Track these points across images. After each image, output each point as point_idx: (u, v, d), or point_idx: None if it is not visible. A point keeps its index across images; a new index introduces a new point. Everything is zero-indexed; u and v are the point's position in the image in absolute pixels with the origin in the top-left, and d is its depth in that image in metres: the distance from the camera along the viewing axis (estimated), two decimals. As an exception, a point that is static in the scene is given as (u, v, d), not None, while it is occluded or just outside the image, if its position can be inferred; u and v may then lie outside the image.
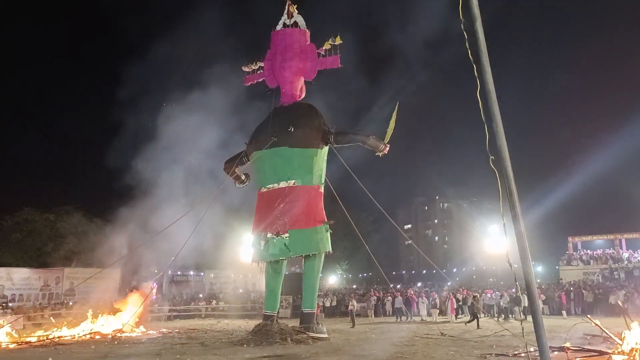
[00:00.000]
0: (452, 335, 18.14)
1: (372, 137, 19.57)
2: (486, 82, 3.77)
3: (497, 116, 3.79)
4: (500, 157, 3.79)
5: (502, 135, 3.81)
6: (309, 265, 19.29)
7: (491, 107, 3.80)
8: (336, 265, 52.98)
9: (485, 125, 3.87)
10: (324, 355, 14.31)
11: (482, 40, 3.79)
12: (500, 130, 3.81)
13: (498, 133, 3.79)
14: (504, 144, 3.79)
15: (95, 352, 16.28)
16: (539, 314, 3.90)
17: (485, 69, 3.79)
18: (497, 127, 3.78)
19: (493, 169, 3.89)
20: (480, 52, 3.81)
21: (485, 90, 3.79)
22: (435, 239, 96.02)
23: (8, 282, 30.98)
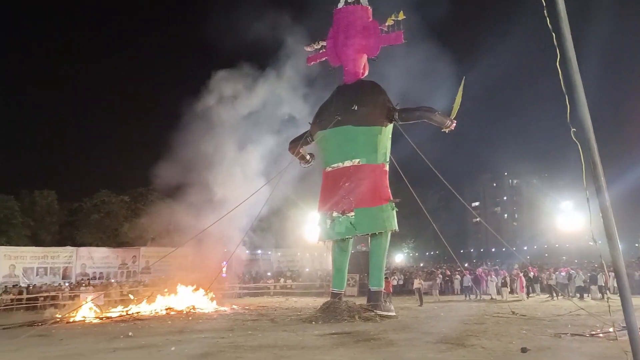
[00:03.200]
0: (524, 314, 17.66)
1: (438, 113, 19.17)
2: (566, 51, 3.56)
3: (579, 86, 3.58)
4: (583, 129, 3.59)
5: (584, 106, 3.60)
6: (375, 244, 19.26)
7: (572, 77, 3.59)
8: (402, 244, 52.76)
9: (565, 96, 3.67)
10: (392, 332, 14.32)
11: (562, 6, 3.58)
12: (583, 100, 3.60)
13: (580, 104, 3.58)
14: (586, 115, 3.58)
15: (171, 327, 17.03)
16: (628, 291, 3.69)
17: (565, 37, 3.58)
18: (579, 98, 3.57)
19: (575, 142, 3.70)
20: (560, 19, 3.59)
21: (565, 59, 3.58)
22: (505, 216, 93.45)
23: (89, 260, 32.84)
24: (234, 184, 25.61)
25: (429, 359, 10.39)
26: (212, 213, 24.48)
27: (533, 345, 11.28)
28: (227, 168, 26.57)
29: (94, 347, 13.15)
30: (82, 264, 32.52)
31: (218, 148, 26.42)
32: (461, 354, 10.78)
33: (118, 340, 14.16)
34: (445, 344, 12.05)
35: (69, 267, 32.01)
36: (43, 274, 30.87)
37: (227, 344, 12.92)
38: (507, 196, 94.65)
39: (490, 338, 12.68)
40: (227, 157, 26.73)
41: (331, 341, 13.01)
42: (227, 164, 26.64)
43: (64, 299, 25.75)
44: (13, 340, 14.70)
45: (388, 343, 12.52)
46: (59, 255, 32.13)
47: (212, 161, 26.48)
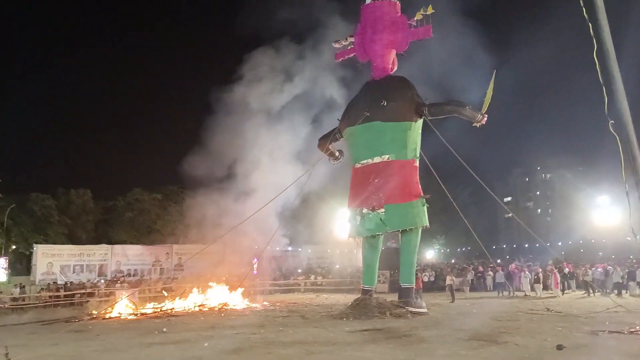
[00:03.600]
0: (559, 311, 17.35)
1: (469, 108, 18.92)
2: (604, 42, 3.45)
3: (617, 77, 3.47)
4: (622, 121, 3.49)
5: (623, 97, 3.49)
6: (405, 240, 19.14)
7: (610, 68, 3.49)
8: (433, 240, 52.36)
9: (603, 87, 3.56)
10: (424, 329, 14.23)
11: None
12: (621, 92, 3.49)
13: (618, 95, 3.48)
14: (625, 107, 3.48)
15: (204, 323, 17.27)
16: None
17: (602, 27, 3.47)
18: (617, 89, 3.47)
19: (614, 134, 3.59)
20: (597, 9, 3.49)
21: (602, 50, 3.48)
22: (538, 211, 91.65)
23: (124, 258, 33.51)
24: (265, 180, 25.76)
25: (460, 355, 10.29)
26: (243, 210, 24.68)
27: (569, 342, 11.06)
28: (258, 165, 26.75)
29: (129, 342, 13.42)
30: (117, 261, 33.18)
31: (248, 145, 26.61)
32: (494, 351, 10.65)
33: (152, 336, 14.42)
34: (478, 340, 11.92)
35: (105, 265, 32.71)
36: (80, 271, 31.61)
37: (259, 339, 13.04)
38: (540, 191, 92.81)
39: (524, 335, 12.50)
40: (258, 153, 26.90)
41: (362, 337, 13.00)
42: (258, 161, 26.81)
43: (100, 296, 26.33)
44: (52, 335, 15.11)
45: (419, 340, 12.45)
46: (95, 252, 32.85)
47: (243, 158, 26.69)
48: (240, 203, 26.02)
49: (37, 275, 30.00)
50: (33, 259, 31.42)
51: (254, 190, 25.58)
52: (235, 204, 26.36)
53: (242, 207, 25.38)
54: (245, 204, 25.47)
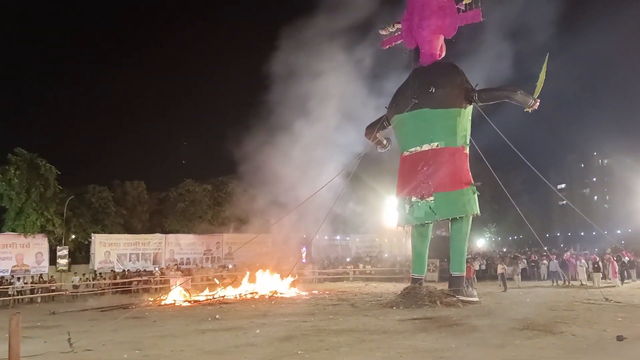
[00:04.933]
0: (619, 301, 16.75)
1: (520, 92, 18.40)
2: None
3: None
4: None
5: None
6: (456, 229, 18.88)
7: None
8: (484, 228, 51.43)
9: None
10: (475, 318, 14.05)
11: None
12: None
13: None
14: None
15: (255, 311, 17.59)
16: None
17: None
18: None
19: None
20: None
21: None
22: (594, 198, 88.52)
23: (177, 247, 34.45)
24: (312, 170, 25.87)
25: (515, 345, 10.12)
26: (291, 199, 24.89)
27: (630, 333, 10.69)
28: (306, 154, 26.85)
29: (185, 328, 13.82)
30: (171, 250, 34.12)
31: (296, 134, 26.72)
32: (550, 340, 10.43)
33: (206, 322, 14.81)
34: (532, 330, 11.69)
35: (159, 253, 33.69)
36: (135, 260, 32.68)
37: (310, 327, 13.18)
38: (596, 177, 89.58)
39: (582, 325, 12.17)
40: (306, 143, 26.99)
41: (413, 326, 12.96)
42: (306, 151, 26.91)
43: (155, 284, 27.18)
44: (111, 321, 15.71)
45: (471, 329, 12.31)
46: (149, 242, 33.87)
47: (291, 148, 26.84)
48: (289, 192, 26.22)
49: (96, 264, 31.18)
50: (91, 248, 32.65)
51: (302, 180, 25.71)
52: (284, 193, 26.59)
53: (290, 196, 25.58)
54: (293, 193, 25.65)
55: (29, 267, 28.60)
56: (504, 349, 9.75)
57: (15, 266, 28.11)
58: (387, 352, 9.77)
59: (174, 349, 10.89)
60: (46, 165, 30.87)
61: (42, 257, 29.58)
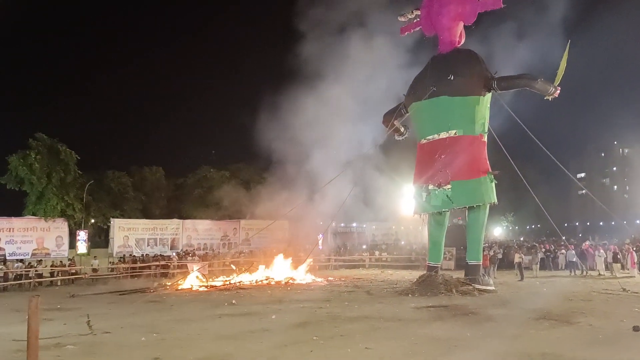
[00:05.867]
0: (636, 292, 16.60)
1: (540, 80, 18.15)
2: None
3: None
4: None
5: None
6: (473, 217, 18.79)
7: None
8: (501, 217, 51.11)
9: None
10: (492, 307, 14.01)
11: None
12: None
13: None
14: None
15: (271, 297, 17.73)
16: None
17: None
18: None
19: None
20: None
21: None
22: (614, 188, 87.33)
23: (194, 232, 34.72)
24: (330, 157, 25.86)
25: (531, 335, 10.08)
26: (308, 186, 24.93)
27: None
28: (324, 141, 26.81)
29: (202, 313, 13.99)
30: (188, 235, 34.40)
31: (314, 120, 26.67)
32: (567, 331, 10.38)
33: (223, 307, 14.98)
34: (549, 320, 11.64)
35: (176, 239, 34.01)
36: (153, 245, 33.04)
37: (325, 314, 13.26)
38: (617, 167, 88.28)
39: (599, 316, 12.08)
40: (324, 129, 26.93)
41: (428, 314, 12.97)
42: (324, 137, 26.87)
43: (173, 269, 27.49)
44: (129, 305, 15.97)
45: (487, 318, 12.28)
46: (167, 227, 34.18)
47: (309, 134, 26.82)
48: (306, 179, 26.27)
49: (115, 248, 31.60)
50: (110, 232, 33.04)
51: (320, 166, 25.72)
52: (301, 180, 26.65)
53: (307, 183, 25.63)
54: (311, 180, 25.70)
55: (49, 250, 29.06)
56: (519, 339, 9.72)
57: (36, 249, 28.58)
58: (401, 340, 9.80)
59: (190, 333, 11.04)
60: (66, 150, 31.23)
61: (62, 241, 30.00)
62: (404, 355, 8.60)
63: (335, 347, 9.30)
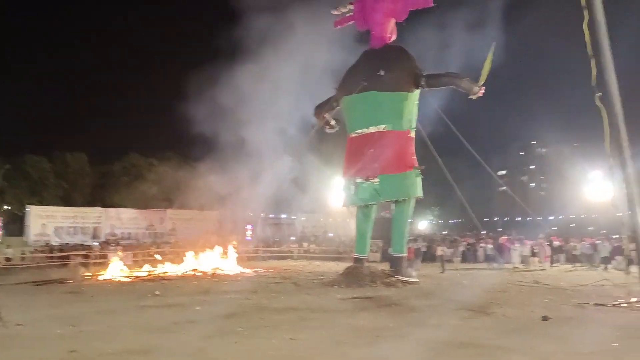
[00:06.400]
0: (547, 284, 17.62)
1: (466, 79, 18.82)
2: (595, 13, 3.47)
3: (606, 49, 3.51)
4: (609, 94, 3.53)
5: (611, 70, 3.53)
6: (399, 211, 19.28)
7: (600, 40, 3.52)
8: (427, 211, 52.67)
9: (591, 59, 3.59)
10: (414, 298, 14.43)
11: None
12: (610, 64, 3.52)
13: (607, 68, 3.51)
14: (613, 80, 3.53)
15: (197, 287, 17.46)
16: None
17: (596, 0, 3.49)
18: (606, 62, 3.51)
19: (600, 106, 3.64)
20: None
21: (593, 21, 3.50)
22: (532, 185, 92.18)
23: (118, 221, 33.69)
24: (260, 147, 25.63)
25: (451, 325, 10.46)
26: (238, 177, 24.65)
27: (555, 314, 11.25)
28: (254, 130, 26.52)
29: (124, 304, 13.57)
30: (111, 224, 33.33)
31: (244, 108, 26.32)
32: (483, 320, 10.84)
33: (146, 299, 14.59)
34: (468, 311, 12.10)
35: (99, 227, 32.86)
36: (74, 234, 31.77)
37: (251, 305, 13.20)
38: (535, 165, 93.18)
39: (513, 306, 12.69)
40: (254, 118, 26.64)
41: (353, 305, 13.19)
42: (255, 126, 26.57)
43: (95, 258, 26.52)
44: (47, 296, 15.26)
45: (410, 309, 12.64)
46: (88, 215, 32.96)
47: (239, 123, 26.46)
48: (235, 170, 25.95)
49: (30, 236, 30.11)
50: (26, 220, 31.47)
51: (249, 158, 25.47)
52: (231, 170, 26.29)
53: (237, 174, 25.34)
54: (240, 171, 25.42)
55: (-42, 237, 27.35)
56: (440, 329, 10.06)
57: (-57, 237, 26.82)
58: (326, 330, 9.92)
59: (111, 324, 10.68)
60: (-22, 132, 29.39)
61: (-28, 228, 28.33)
62: (329, 345, 8.71)
63: (261, 337, 9.28)
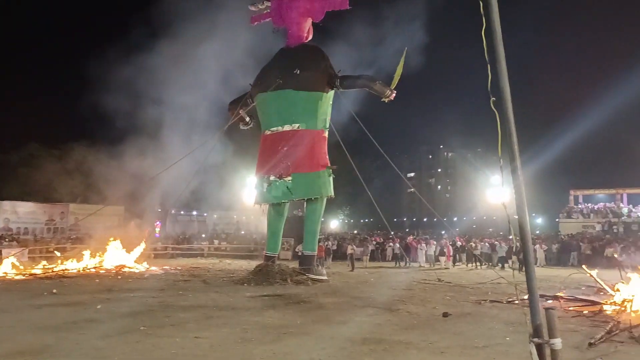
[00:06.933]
0: (449, 282, 18.47)
1: (379, 83, 19.32)
2: (492, 20, 3.69)
3: (501, 55, 3.72)
4: (502, 98, 3.75)
5: (505, 75, 3.75)
6: (310, 209, 19.47)
7: (496, 47, 3.73)
8: (338, 210, 53.54)
9: (488, 65, 3.81)
10: (323, 296, 14.63)
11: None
12: (504, 70, 3.75)
13: (501, 73, 3.74)
14: (506, 85, 3.75)
15: (99, 286, 16.70)
16: (532, 264, 3.97)
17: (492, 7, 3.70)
18: (501, 68, 3.73)
19: (494, 110, 3.86)
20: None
21: (490, 28, 3.71)
22: (438, 188, 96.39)
23: (13, 215, 31.54)
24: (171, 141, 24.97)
25: (356, 321, 10.70)
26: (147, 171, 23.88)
27: (455, 310, 11.85)
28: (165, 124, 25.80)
29: (17, 303, 12.72)
30: (5, 218, 31.16)
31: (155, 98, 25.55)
32: (387, 317, 11.17)
33: (42, 297, 13.76)
34: (373, 308, 12.44)
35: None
36: (-38, 228, 29.43)
37: (157, 303, 12.82)
38: (441, 168, 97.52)
39: (416, 303, 13.18)
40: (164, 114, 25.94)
41: (262, 303, 13.16)
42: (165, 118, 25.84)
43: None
44: None
45: (318, 306, 12.79)
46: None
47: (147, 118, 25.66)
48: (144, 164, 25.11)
49: None
50: None
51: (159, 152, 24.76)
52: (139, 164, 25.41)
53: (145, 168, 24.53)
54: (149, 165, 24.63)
55: None
56: (345, 326, 10.27)
57: None
58: (233, 327, 9.83)
59: (3, 324, 9.98)
60: None
61: None
62: (235, 343, 8.63)
63: (165, 336, 9.04)
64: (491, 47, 3.71)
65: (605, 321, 10.28)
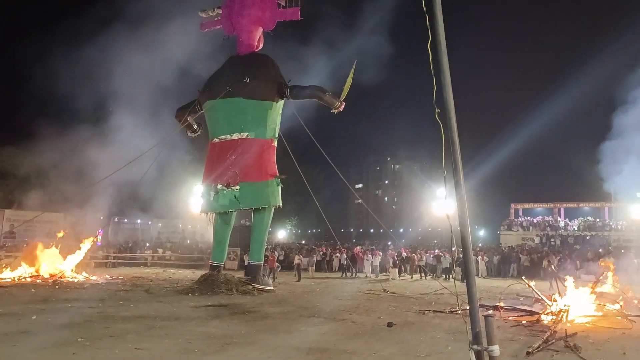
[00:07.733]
0: (394, 292, 18.70)
1: (328, 94, 19.45)
2: (438, 33, 3.79)
3: (446, 67, 3.83)
4: (446, 109, 3.85)
5: (449, 87, 3.86)
6: (258, 219, 19.33)
7: (440, 59, 3.84)
8: (286, 220, 53.44)
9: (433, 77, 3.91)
10: (269, 305, 14.53)
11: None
12: (448, 82, 3.86)
13: (445, 85, 3.84)
14: (450, 97, 3.85)
15: (35, 296, 15.99)
16: (472, 273, 4.07)
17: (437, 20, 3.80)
18: (445, 80, 3.84)
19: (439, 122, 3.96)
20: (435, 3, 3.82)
21: (436, 41, 3.82)
22: (385, 199, 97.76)
23: (-59, 221, 29.88)
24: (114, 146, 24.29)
25: (301, 331, 10.67)
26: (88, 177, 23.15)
27: (399, 320, 12.01)
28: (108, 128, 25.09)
29: (-59, 315, 12.01)
30: None
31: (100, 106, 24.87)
32: (332, 327, 11.20)
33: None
34: (319, 317, 12.45)
35: None
36: None
37: (96, 314, 12.39)
38: (388, 180, 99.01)
39: (361, 313, 13.28)
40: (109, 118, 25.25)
41: (206, 313, 12.94)
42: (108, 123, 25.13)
43: None
44: None
45: (263, 316, 12.68)
46: None
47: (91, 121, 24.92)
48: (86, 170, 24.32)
49: None
50: None
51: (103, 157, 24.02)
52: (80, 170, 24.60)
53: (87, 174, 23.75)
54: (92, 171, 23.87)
55: None
56: (291, 335, 10.22)
57: None
58: (176, 338, 9.60)
59: None
60: None
61: None
62: (177, 353, 8.44)
63: (103, 348, 8.73)
64: (436, 59, 3.82)
65: (543, 330, 10.65)
